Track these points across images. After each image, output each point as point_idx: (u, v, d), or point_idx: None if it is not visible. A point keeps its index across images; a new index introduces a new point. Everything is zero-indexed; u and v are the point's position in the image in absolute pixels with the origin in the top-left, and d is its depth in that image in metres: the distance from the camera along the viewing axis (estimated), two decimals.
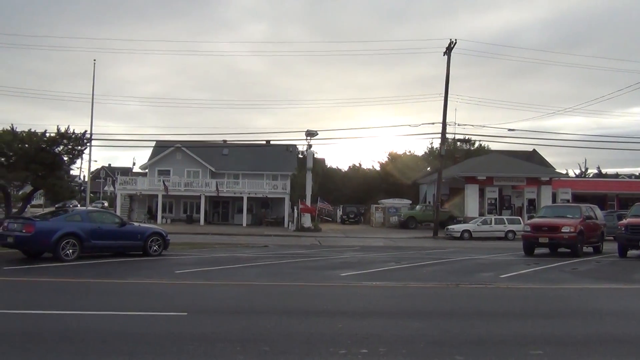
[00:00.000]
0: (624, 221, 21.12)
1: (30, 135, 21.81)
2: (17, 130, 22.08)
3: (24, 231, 15.58)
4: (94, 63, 43.24)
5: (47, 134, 22.20)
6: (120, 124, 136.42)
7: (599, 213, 24.02)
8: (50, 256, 15.89)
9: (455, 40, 35.13)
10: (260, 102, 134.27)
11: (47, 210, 37.88)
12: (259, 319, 8.25)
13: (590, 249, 22.58)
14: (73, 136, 22.55)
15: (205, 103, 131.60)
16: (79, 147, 23.23)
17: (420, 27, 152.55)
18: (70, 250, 15.84)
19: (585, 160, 78.06)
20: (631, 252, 20.76)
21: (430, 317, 8.93)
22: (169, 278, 13.09)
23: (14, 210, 22.87)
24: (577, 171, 69.95)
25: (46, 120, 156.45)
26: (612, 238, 24.69)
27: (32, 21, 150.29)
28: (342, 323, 7.98)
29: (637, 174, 70.95)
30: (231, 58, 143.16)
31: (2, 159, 21.75)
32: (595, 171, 70.88)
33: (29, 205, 25.06)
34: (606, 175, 67.70)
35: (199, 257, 18.56)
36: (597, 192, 48.67)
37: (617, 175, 68.56)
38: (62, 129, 22.41)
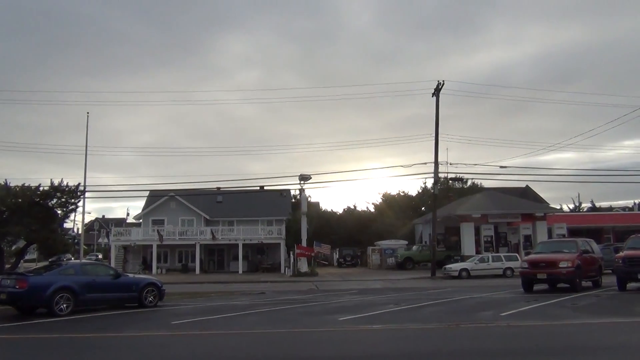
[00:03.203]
0: (621, 254, 21.06)
1: (24, 189, 21.74)
2: (11, 184, 22.03)
3: (17, 287, 15.36)
4: (87, 115, 43.43)
5: (41, 188, 22.15)
6: (114, 174, 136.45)
7: (595, 247, 23.99)
8: (44, 311, 15.65)
9: (443, 81, 35.82)
10: (253, 148, 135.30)
11: (40, 264, 37.45)
12: None
13: (589, 283, 22.46)
14: (66, 189, 22.49)
15: (198, 151, 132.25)
16: (73, 200, 23.13)
17: (411, 69, 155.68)
18: (65, 305, 15.59)
19: (579, 194, 78.67)
20: (630, 285, 20.64)
21: (432, 359, 8.79)
22: (166, 329, 12.88)
23: (7, 265, 22.60)
24: (571, 206, 70.28)
25: (40, 174, 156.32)
26: (610, 271, 24.60)
27: (25, 75, 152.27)
28: None
29: (631, 206, 71.28)
30: (224, 106, 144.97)
31: None
32: (589, 205, 71.22)
33: (22, 260, 24.73)
34: (600, 209, 67.98)
35: (195, 306, 18.31)
36: (592, 226, 48.76)
37: (611, 209, 68.83)
38: (56, 182, 22.39)
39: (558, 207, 61.36)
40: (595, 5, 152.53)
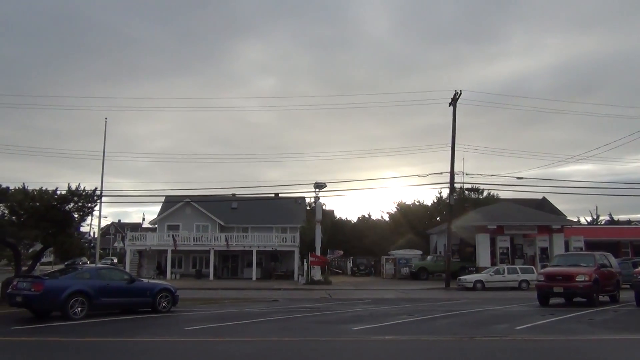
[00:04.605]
0: None
1: (41, 193, 21.94)
2: (29, 188, 22.27)
3: (33, 290, 15.51)
4: (106, 121, 44.08)
5: (58, 192, 22.34)
6: (130, 179, 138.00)
7: (613, 261, 23.64)
8: (58, 315, 15.77)
9: (460, 91, 35.64)
10: (269, 155, 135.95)
11: (56, 267, 37.79)
12: None
13: (607, 298, 22.11)
14: (83, 193, 22.66)
15: (214, 157, 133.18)
16: (90, 205, 23.30)
17: (428, 78, 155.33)
18: (79, 309, 15.72)
19: (597, 207, 77.45)
20: None
21: None
22: (178, 335, 12.90)
23: (24, 268, 22.82)
24: (589, 218, 69.29)
25: (58, 178, 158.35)
26: (628, 286, 24.20)
27: (46, 81, 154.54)
28: None
29: None
30: (241, 113, 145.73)
31: (13, 218, 21.84)
32: (607, 218, 70.18)
33: (38, 264, 24.93)
34: (618, 222, 66.99)
35: (208, 313, 18.33)
36: (610, 240, 48.07)
37: (629, 222, 67.81)
38: (73, 187, 22.58)
39: (575, 219, 60.59)
40: (615, 15, 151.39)
